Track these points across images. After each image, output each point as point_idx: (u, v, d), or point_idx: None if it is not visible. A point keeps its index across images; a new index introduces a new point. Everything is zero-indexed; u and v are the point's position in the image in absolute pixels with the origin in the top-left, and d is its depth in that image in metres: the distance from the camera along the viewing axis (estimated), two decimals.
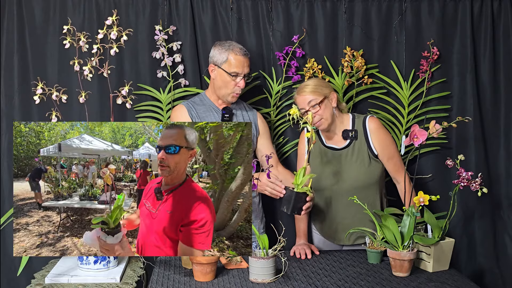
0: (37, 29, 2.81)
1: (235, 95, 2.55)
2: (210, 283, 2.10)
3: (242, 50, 2.53)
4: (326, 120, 2.46)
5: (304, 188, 2.26)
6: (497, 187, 3.02)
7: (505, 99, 3.00)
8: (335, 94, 2.50)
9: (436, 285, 2.07)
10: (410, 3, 2.93)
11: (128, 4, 2.84)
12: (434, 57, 2.92)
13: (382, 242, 2.28)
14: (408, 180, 2.49)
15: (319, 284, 2.07)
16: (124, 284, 2.15)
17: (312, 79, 2.52)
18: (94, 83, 2.81)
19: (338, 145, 2.53)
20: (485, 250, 3.02)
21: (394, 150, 2.50)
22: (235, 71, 2.50)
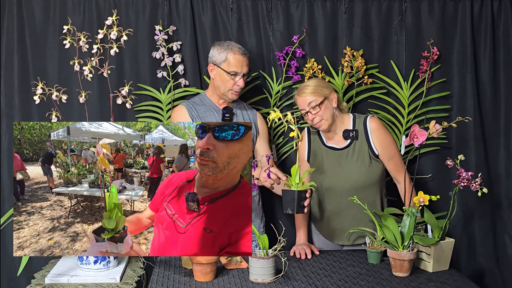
0: (37, 29, 2.81)
1: (234, 93, 2.56)
2: (210, 283, 2.10)
3: (241, 50, 2.54)
4: (327, 120, 2.45)
5: (307, 185, 2.25)
6: (497, 187, 3.02)
7: (505, 99, 3.00)
8: (336, 94, 2.49)
9: (436, 285, 2.07)
10: (410, 3, 2.93)
11: (128, 4, 2.84)
12: (434, 57, 2.92)
13: (382, 242, 2.28)
14: (409, 180, 2.49)
15: (319, 284, 2.07)
16: (124, 284, 2.15)
17: (312, 80, 2.51)
18: (94, 83, 2.81)
19: (339, 145, 2.53)
20: (485, 250, 3.02)
21: (394, 150, 2.50)
22: (234, 70, 2.51)
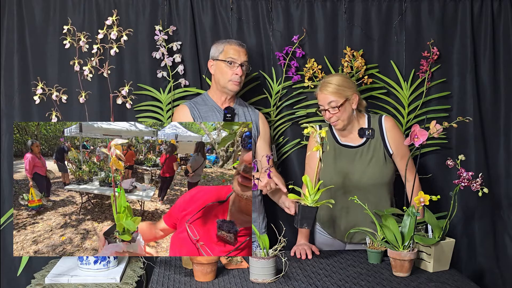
0: (37, 29, 2.81)
1: (235, 82, 2.56)
2: (210, 283, 2.10)
3: (237, 42, 2.60)
4: (343, 121, 2.45)
5: (324, 201, 2.25)
6: (497, 187, 3.02)
7: (505, 99, 3.00)
8: (357, 95, 2.46)
9: (436, 285, 2.07)
10: (410, 3, 2.93)
11: (128, 4, 2.84)
12: (434, 57, 2.92)
13: (382, 242, 2.28)
14: (418, 180, 2.49)
15: (320, 284, 2.07)
16: (124, 284, 2.15)
17: (337, 77, 2.47)
18: (94, 83, 2.81)
19: (354, 143, 2.52)
20: (485, 250, 3.02)
21: (407, 149, 2.50)
22: (230, 57, 2.54)
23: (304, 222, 2.25)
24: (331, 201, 2.26)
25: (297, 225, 2.28)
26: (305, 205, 2.24)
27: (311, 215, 2.24)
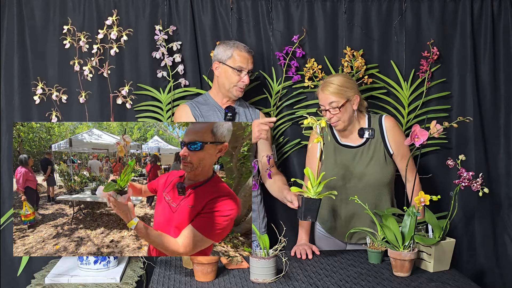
0: (37, 29, 2.81)
1: (239, 89, 2.57)
2: (210, 283, 2.10)
3: (246, 48, 2.58)
4: (344, 122, 2.44)
5: (327, 193, 2.25)
6: (497, 187, 3.02)
7: (505, 99, 3.00)
8: (358, 96, 2.46)
9: (437, 285, 2.07)
10: (410, 3, 2.93)
11: (128, 4, 2.84)
12: (434, 57, 2.92)
13: (382, 242, 2.28)
14: (418, 180, 2.49)
15: (320, 284, 2.07)
16: (124, 284, 2.14)
17: (338, 77, 2.46)
18: (94, 83, 2.81)
19: (354, 143, 2.52)
20: (485, 250, 3.02)
21: (407, 149, 2.49)
22: (239, 65, 2.53)
23: (308, 214, 2.24)
24: (333, 192, 2.25)
25: (301, 217, 2.26)
26: (308, 197, 2.23)
27: (315, 207, 2.23)
